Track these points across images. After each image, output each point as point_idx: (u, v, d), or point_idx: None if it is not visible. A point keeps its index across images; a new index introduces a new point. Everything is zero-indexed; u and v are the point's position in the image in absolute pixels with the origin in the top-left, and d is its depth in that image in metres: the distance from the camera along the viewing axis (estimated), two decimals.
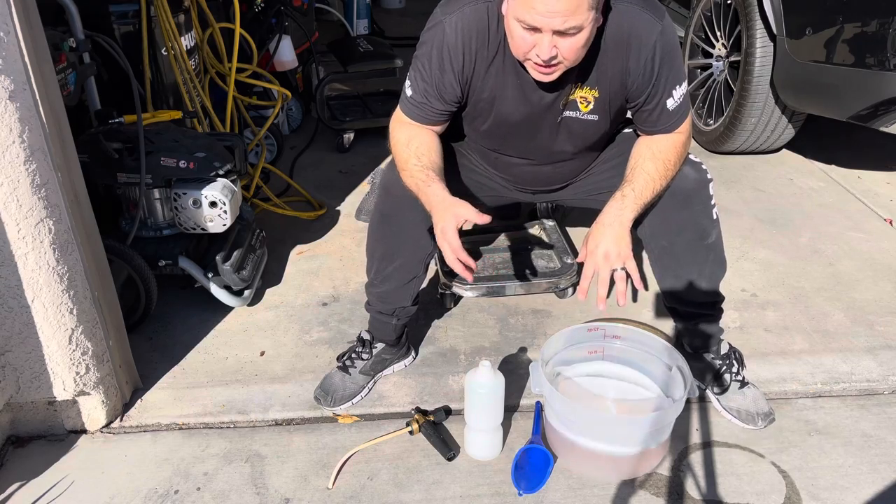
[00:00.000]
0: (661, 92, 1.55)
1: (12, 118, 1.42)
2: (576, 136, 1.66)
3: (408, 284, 1.80)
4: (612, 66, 1.52)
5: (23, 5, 1.42)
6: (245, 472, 1.67)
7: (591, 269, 1.53)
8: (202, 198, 2.04)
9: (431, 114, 1.61)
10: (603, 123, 1.64)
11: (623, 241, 1.51)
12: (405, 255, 1.74)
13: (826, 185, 3.02)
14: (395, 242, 1.73)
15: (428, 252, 1.75)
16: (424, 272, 1.81)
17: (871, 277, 2.37)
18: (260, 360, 2.03)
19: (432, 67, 1.56)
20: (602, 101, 1.58)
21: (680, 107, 1.58)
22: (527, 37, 1.38)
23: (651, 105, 1.57)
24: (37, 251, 1.53)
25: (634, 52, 1.49)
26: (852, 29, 2.44)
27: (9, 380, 1.67)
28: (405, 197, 1.63)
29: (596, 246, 1.52)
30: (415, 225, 1.68)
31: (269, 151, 3.13)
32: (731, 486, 1.61)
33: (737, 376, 1.80)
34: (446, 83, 1.57)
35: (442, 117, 1.63)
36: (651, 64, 1.50)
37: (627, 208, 1.52)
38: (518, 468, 1.62)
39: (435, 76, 1.56)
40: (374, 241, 1.77)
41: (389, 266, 1.76)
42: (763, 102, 2.92)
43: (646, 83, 1.53)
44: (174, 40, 2.45)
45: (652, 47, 1.49)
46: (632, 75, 1.53)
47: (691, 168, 1.64)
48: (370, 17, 5.33)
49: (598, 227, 1.54)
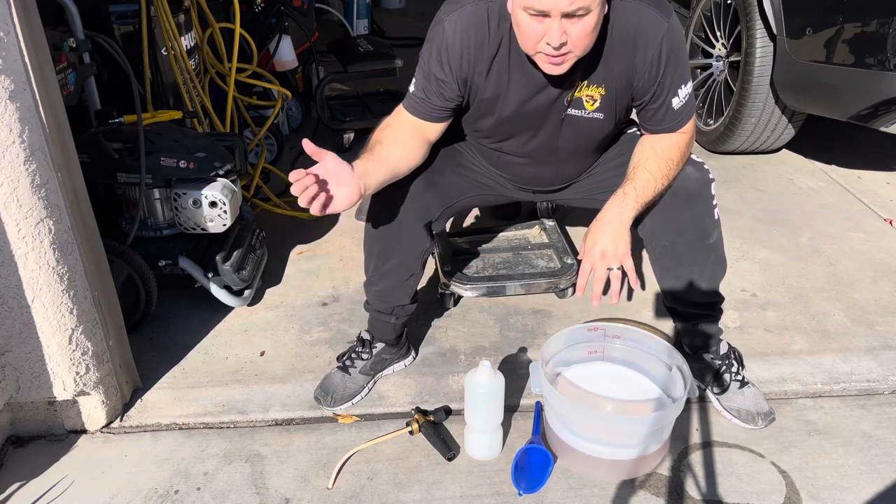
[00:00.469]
0: (667, 91, 1.54)
1: (12, 118, 1.42)
2: (580, 134, 1.66)
3: (406, 282, 1.80)
4: (619, 63, 1.52)
5: (23, 5, 1.42)
6: (245, 472, 1.67)
7: (588, 266, 1.54)
8: (202, 198, 2.04)
9: (430, 109, 1.61)
10: (608, 122, 1.63)
11: (621, 240, 1.52)
12: (402, 251, 1.74)
13: (826, 185, 3.02)
14: (391, 239, 1.73)
15: (425, 248, 1.76)
16: (422, 269, 1.81)
17: (871, 277, 2.37)
18: (260, 360, 2.03)
19: (432, 65, 1.57)
20: (608, 98, 1.58)
21: (685, 106, 1.58)
22: (535, 25, 1.36)
23: (656, 104, 1.56)
24: (37, 251, 1.53)
25: (641, 49, 1.49)
26: (852, 29, 2.44)
27: (9, 380, 1.67)
28: (402, 195, 1.64)
29: (594, 244, 1.53)
30: (410, 221, 1.69)
31: (269, 151, 3.14)
32: (731, 486, 1.61)
33: (736, 376, 1.80)
34: (446, 80, 1.57)
35: (440, 115, 1.62)
36: (658, 62, 1.50)
37: (628, 207, 1.53)
38: (518, 468, 1.62)
39: (435, 73, 1.57)
40: (371, 238, 1.77)
41: (387, 263, 1.77)
42: (763, 102, 2.92)
43: (651, 81, 1.53)
44: (174, 40, 2.45)
45: (658, 45, 1.48)
46: (638, 72, 1.52)
47: (693, 168, 1.64)
48: (370, 17, 5.33)
49: (597, 225, 1.54)
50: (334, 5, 5.03)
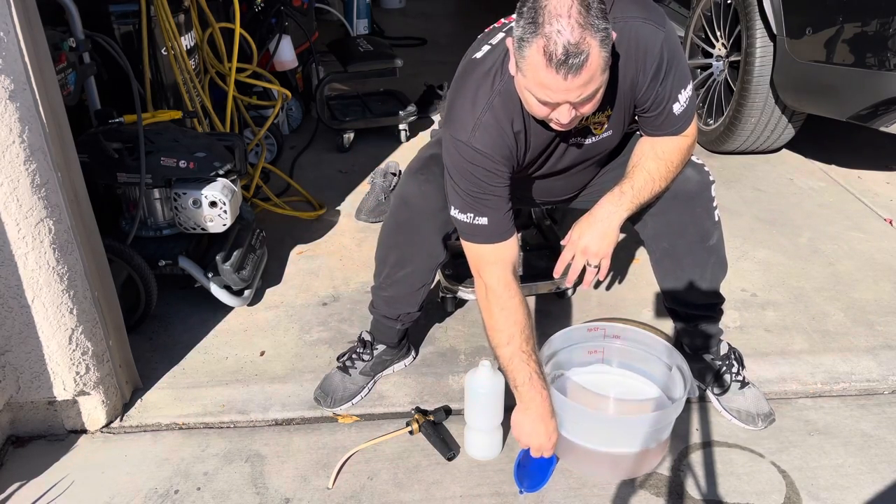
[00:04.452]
0: (668, 97, 1.53)
1: (12, 118, 1.42)
2: (589, 153, 1.65)
3: (417, 291, 1.80)
4: (622, 84, 1.50)
5: (23, 5, 1.42)
6: (245, 472, 1.67)
7: (569, 254, 1.57)
8: (202, 198, 2.04)
9: (509, 223, 1.54)
10: (616, 136, 1.63)
11: (606, 240, 1.53)
12: (417, 263, 1.75)
13: (826, 185, 3.02)
14: (408, 251, 1.73)
15: (440, 261, 1.76)
16: (433, 280, 1.82)
17: (871, 277, 2.37)
18: (260, 360, 2.03)
19: (484, 188, 1.49)
20: (616, 117, 1.56)
21: (686, 111, 1.56)
22: (544, 107, 1.35)
23: (657, 111, 1.55)
24: (37, 251, 1.53)
25: (641, 65, 1.47)
26: (852, 29, 2.44)
27: (9, 380, 1.67)
28: (424, 208, 1.64)
29: (580, 236, 1.55)
30: (430, 236, 1.69)
31: (269, 151, 3.13)
32: (731, 486, 1.61)
33: (737, 377, 1.80)
34: (501, 188, 1.51)
35: (512, 214, 1.56)
36: (658, 71, 1.49)
37: (622, 207, 1.53)
38: (520, 466, 1.62)
39: (490, 191, 1.49)
40: (387, 247, 1.77)
41: (400, 272, 1.77)
42: (763, 102, 2.92)
43: (652, 90, 1.52)
44: (174, 40, 2.45)
45: (658, 55, 1.46)
46: (639, 85, 1.51)
47: (694, 170, 1.63)
48: (370, 17, 5.33)
49: (588, 220, 1.56)
50: (334, 5, 5.03)
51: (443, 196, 1.61)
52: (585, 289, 1.57)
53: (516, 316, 1.53)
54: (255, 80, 3.04)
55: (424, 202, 1.65)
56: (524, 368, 1.51)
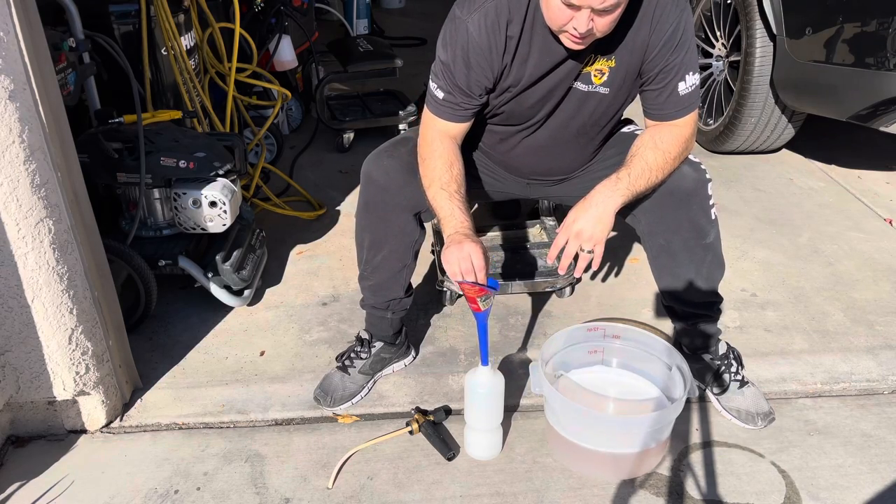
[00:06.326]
0: (676, 71, 1.55)
1: (12, 118, 1.42)
2: (581, 111, 1.66)
3: (398, 274, 1.80)
4: (634, 39, 1.53)
5: (23, 5, 1.42)
6: (245, 472, 1.67)
7: (563, 239, 1.57)
8: (202, 198, 2.04)
9: (462, 112, 1.63)
10: (610, 100, 1.64)
11: (601, 225, 1.53)
12: (392, 242, 1.75)
13: (826, 185, 3.02)
14: (380, 231, 1.74)
15: (415, 238, 1.76)
16: (414, 260, 1.82)
17: (871, 277, 2.37)
18: (260, 360, 2.03)
19: (457, 68, 1.57)
20: (617, 71, 1.58)
21: (690, 95, 1.58)
22: (565, 10, 1.39)
23: (663, 83, 1.57)
24: (37, 251, 1.53)
25: (657, 27, 1.51)
26: (852, 29, 2.44)
27: (9, 380, 1.67)
28: (387, 184, 1.66)
29: (574, 220, 1.55)
30: (399, 212, 1.70)
31: (269, 151, 3.14)
32: (731, 486, 1.61)
33: (736, 376, 1.80)
34: (475, 81, 1.58)
35: (472, 112, 1.64)
36: (671, 38, 1.52)
37: (618, 193, 1.54)
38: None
39: (462, 76, 1.57)
40: (361, 230, 1.78)
41: (377, 255, 1.77)
42: (763, 102, 2.92)
43: (662, 59, 1.54)
44: (174, 40, 2.45)
45: (675, 23, 1.51)
46: (650, 48, 1.53)
47: (690, 167, 1.64)
48: (370, 17, 5.33)
49: (582, 204, 1.56)
50: (334, 5, 5.03)
51: (406, 172, 1.66)
52: (577, 276, 1.56)
53: (443, 160, 1.59)
54: (255, 80, 3.04)
55: (387, 178, 1.67)
56: (446, 204, 1.54)
